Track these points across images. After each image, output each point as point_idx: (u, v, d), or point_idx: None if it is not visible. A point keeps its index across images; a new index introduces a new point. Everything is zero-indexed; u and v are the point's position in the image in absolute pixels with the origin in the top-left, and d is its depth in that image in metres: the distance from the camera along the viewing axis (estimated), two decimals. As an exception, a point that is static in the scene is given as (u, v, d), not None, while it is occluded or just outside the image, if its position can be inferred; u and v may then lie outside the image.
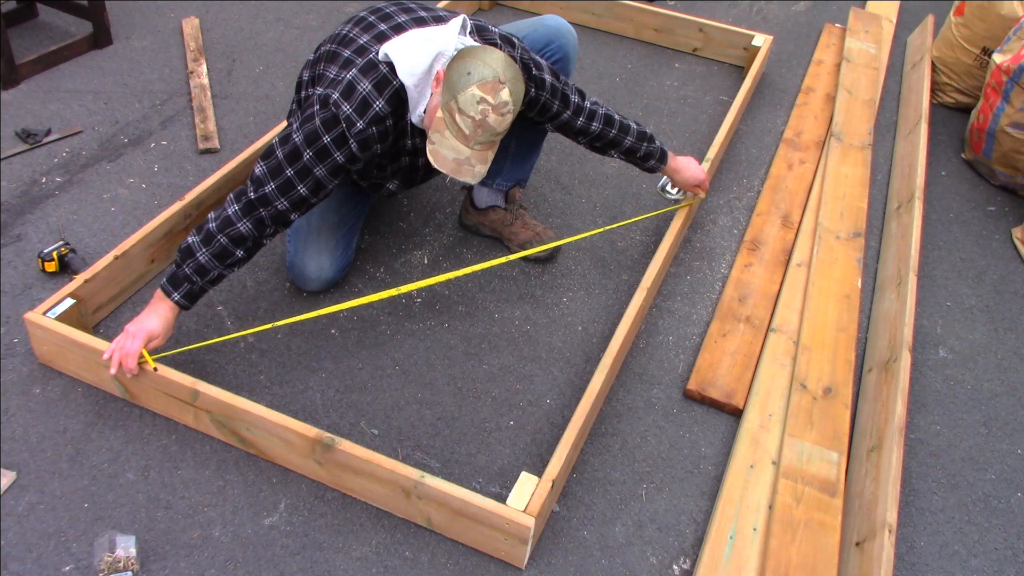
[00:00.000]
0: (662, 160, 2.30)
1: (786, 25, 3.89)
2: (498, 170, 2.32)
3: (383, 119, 1.81)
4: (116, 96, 2.88)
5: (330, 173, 1.82)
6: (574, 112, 2.10)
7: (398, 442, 1.88)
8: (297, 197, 1.82)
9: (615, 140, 2.19)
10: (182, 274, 1.82)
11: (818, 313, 2.23)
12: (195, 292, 1.84)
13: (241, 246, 1.83)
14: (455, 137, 1.72)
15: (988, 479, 1.96)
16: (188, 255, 1.81)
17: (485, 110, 1.68)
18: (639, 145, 2.22)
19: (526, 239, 2.37)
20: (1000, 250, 2.70)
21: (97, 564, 1.56)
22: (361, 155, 1.83)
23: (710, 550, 1.70)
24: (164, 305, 1.82)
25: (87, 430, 1.83)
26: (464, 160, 1.74)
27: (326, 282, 2.16)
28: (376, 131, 1.81)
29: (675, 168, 2.34)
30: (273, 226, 1.85)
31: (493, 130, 1.71)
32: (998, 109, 2.85)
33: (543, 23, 2.28)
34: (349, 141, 1.79)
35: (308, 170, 1.80)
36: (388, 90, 1.80)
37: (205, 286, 1.84)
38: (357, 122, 1.78)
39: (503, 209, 2.39)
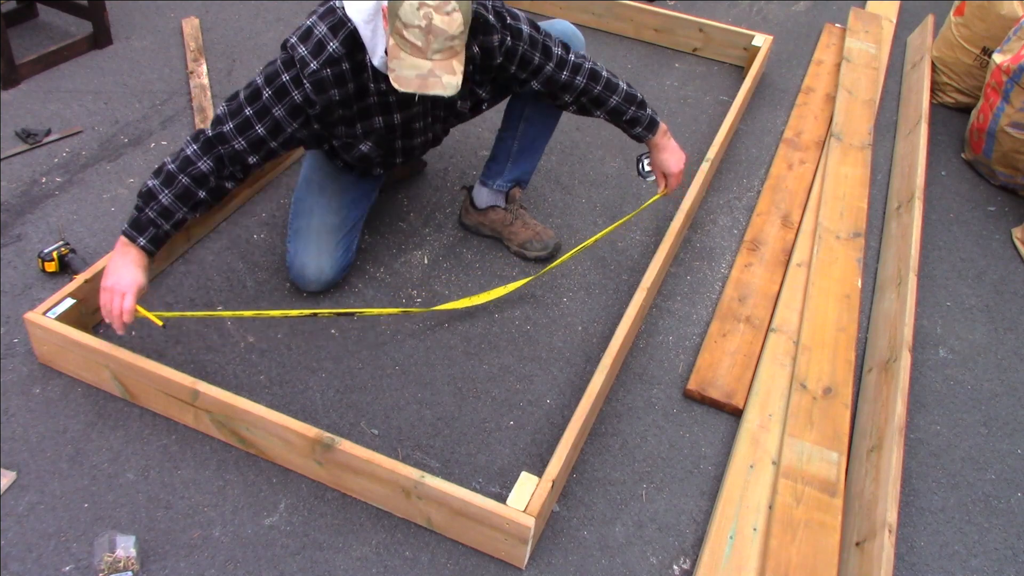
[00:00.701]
0: (650, 129, 2.21)
1: (786, 25, 3.89)
2: (499, 171, 2.32)
3: (338, 60, 1.80)
4: (116, 96, 2.88)
5: (288, 114, 1.83)
6: (557, 65, 2.03)
7: (398, 442, 1.88)
8: (255, 137, 1.84)
9: (600, 98, 2.11)
10: (145, 218, 1.82)
11: (818, 313, 2.23)
12: (160, 237, 1.85)
13: (203, 186, 1.85)
14: (410, 55, 1.65)
15: (988, 479, 1.96)
16: (150, 198, 1.82)
17: (428, 14, 1.61)
18: (626, 107, 2.14)
19: (526, 239, 2.37)
20: (1000, 250, 2.70)
21: (97, 564, 1.56)
22: (317, 98, 1.82)
23: (710, 550, 1.70)
24: (132, 251, 1.82)
25: (87, 430, 1.83)
26: (427, 73, 1.66)
27: (326, 283, 2.16)
28: (331, 73, 1.80)
29: (660, 145, 2.25)
30: (231, 167, 1.87)
31: (445, 32, 1.62)
32: (998, 109, 2.85)
33: (552, 26, 2.25)
34: (304, 82, 1.80)
35: (267, 110, 1.83)
36: (343, 32, 1.79)
37: (170, 230, 1.86)
38: (311, 63, 1.79)
39: (503, 209, 2.39)
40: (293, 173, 2.60)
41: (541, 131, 2.29)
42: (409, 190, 2.61)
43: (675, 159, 2.27)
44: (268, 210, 2.45)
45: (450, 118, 2.13)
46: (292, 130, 1.87)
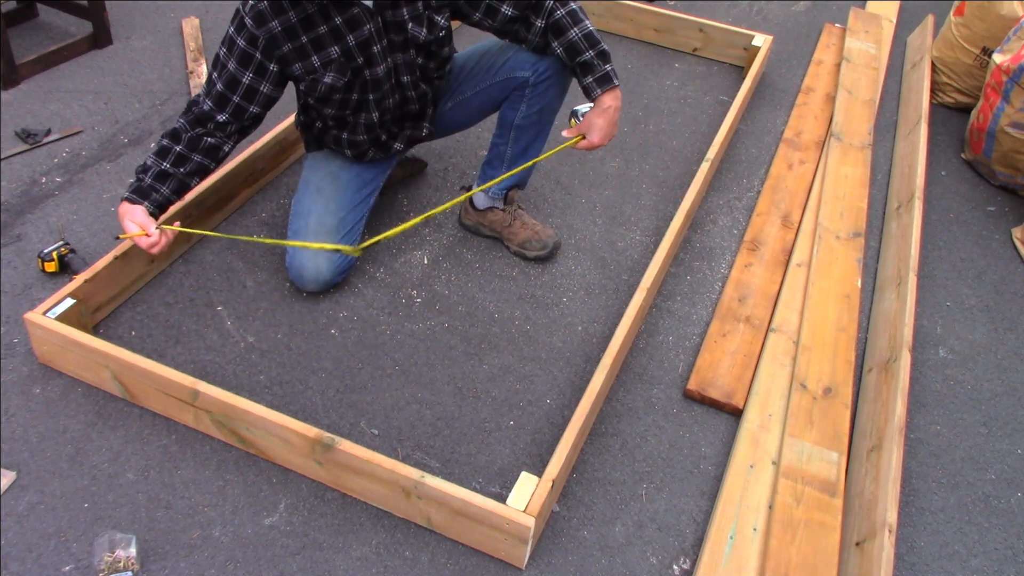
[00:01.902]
0: (602, 83, 2.02)
1: (786, 25, 3.89)
2: (494, 175, 2.32)
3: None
4: (116, 96, 2.88)
5: (239, 63, 1.90)
6: None
7: (398, 442, 1.88)
8: (216, 94, 1.93)
9: (561, 25, 2.00)
10: (134, 181, 1.94)
11: (818, 313, 2.23)
12: (144, 189, 1.92)
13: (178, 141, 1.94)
14: None
15: (988, 479, 1.97)
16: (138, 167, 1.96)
17: None
18: (584, 47, 2.00)
19: (525, 238, 2.37)
20: (1000, 250, 2.70)
21: (97, 564, 1.56)
22: (259, 31, 1.86)
23: (710, 550, 1.70)
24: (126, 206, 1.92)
25: (87, 430, 1.83)
26: None
27: (324, 284, 2.16)
28: (267, 3, 1.84)
29: (604, 109, 2.03)
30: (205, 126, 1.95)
31: None
32: (998, 109, 2.85)
33: None
34: (245, 21, 1.86)
35: (223, 66, 1.92)
36: None
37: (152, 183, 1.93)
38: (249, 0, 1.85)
39: (501, 210, 2.39)
40: (293, 173, 2.60)
41: (534, 138, 2.27)
42: (409, 190, 2.61)
43: (606, 131, 2.05)
44: (268, 210, 2.45)
45: (408, 47, 2.03)
46: (248, 81, 1.92)
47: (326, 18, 1.89)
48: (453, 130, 2.42)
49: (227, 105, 1.94)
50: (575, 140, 2.08)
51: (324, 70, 1.96)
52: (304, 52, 1.92)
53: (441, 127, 2.36)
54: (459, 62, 2.27)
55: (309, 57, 1.93)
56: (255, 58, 1.90)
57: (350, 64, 1.97)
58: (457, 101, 2.28)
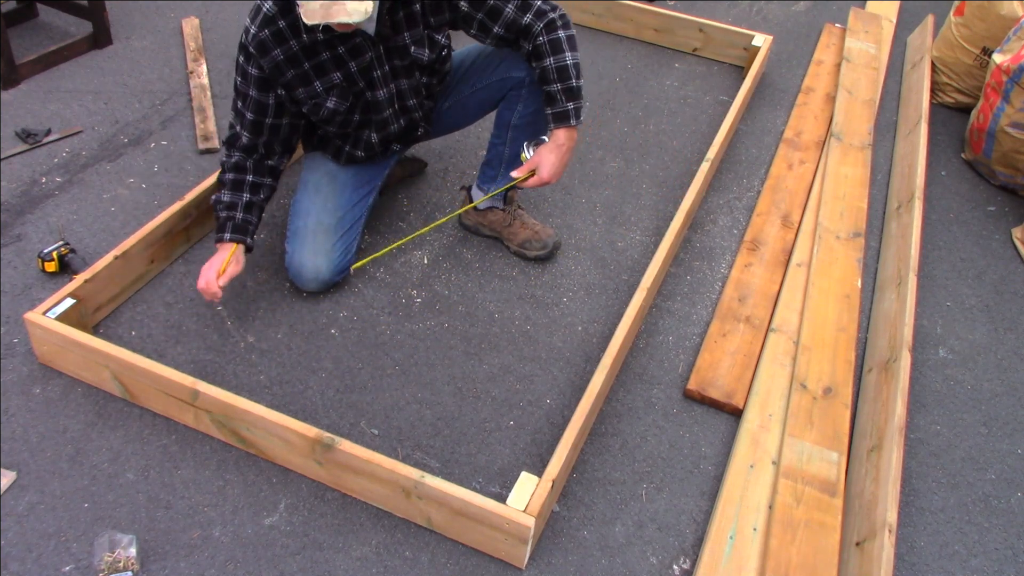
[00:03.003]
0: (557, 120, 2.00)
1: (786, 25, 3.89)
2: (493, 176, 2.32)
3: (272, 19, 1.86)
4: (116, 96, 2.88)
5: (260, 89, 1.95)
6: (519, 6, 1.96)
7: (398, 442, 1.88)
8: (249, 123, 1.99)
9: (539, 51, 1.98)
10: (220, 220, 2.01)
11: (818, 313, 2.23)
12: (239, 224, 2.01)
13: (246, 171, 2.02)
14: None
15: (988, 479, 1.96)
16: (217, 203, 2.03)
17: None
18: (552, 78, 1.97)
19: (525, 238, 2.37)
20: (1000, 250, 2.70)
21: (97, 564, 1.56)
22: (264, 60, 1.89)
23: (710, 550, 1.70)
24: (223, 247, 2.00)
25: (87, 430, 1.83)
26: (329, 2, 1.66)
27: (323, 283, 2.16)
28: (269, 33, 1.87)
29: (557, 145, 2.00)
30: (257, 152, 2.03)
31: None
32: (998, 109, 2.85)
33: None
34: (251, 50, 1.89)
35: (245, 95, 1.97)
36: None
37: (245, 216, 2.01)
38: (252, 29, 1.88)
39: (501, 210, 2.39)
40: (293, 173, 2.60)
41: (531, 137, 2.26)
42: (409, 190, 2.61)
43: (556, 168, 2.02)
44: (268, 210, 2.45)
45: (413, 71, 2.06)
46: (274, 101, 1.97)
47: (329, 46, 1.92)
48: (451, 129, 2.42)
49: (263, 128, 2.00)
50: (526, 176, 2.04)
51: (327, 95, 1.99)
52: (307, 78, 1.95)
53: (439, 127, 2.36)
54: (456, 61, 2.27)
55: (312, 83, 1.96)
56: (268, 80, 1.94)
57: (352, 89, 2.01)
58: (455, 101, 2.28)
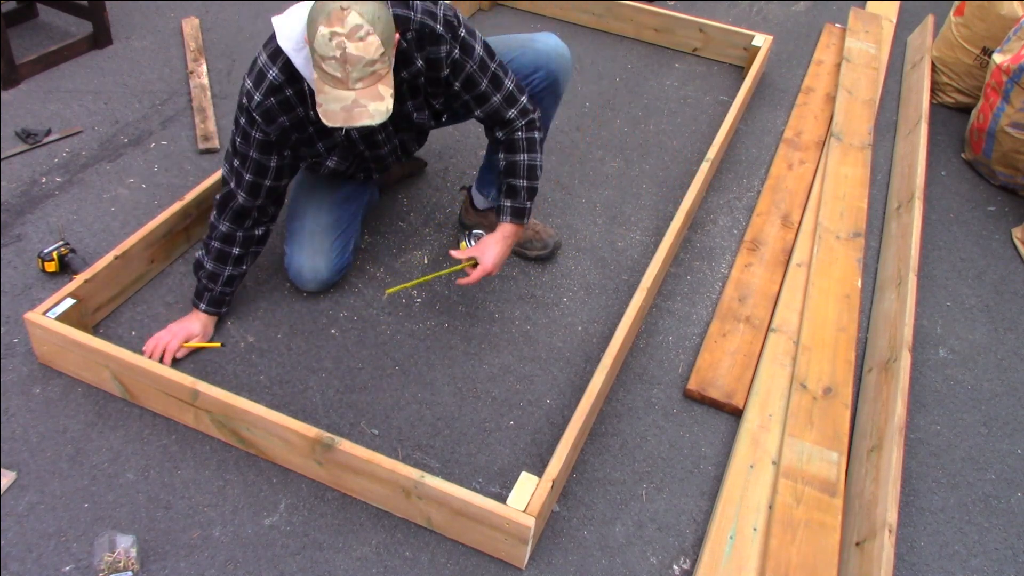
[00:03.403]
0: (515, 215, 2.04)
1: (786, 25, 3.89)
2: (490, 181, 2.30)
3: (280, 88, 1.80)
4: (116, 96, 2.88)
5: (261, 152, 1.89)
6: (505, 99, 1.98)
7: (398, 442, 1.88)
8: (248, 183, 1.92)
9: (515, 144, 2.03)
10: (200, 286, 2.02)
11: (818, 313, 2.23)
12: (216, 298, 2.02)
13: (233, 244, 1.99)
14: (332, 87, 1.62)
15: (988, 479, 1.96)
16: (199, 267, 2.01)
17: (341, 43, 1.56)
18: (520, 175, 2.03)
19: (526, 239, 2.37)
20: (1000, 250, 2.70)
21: (97, 564, 1.56)
22: (270, 128, 1.84)
23: (710, 550, 1.70)
24: (197, 313, 2.03)
25: (87, 430, 1.83)
26: (352, 104, 1.63)
27: (323, 283, 2.16)
28: (275, 101, 1.81)
29: (503, 237, 2.03)
30: (250, 218, 1.98)
31: (362, 59, 1.58)
32: (998, 109, 2.85)
33: (534, 46, 2.12)
34: (255, 116, 1.83)
35: (245, 155, 1.90)
36: (280, 59, 1.78)
37: (223, 289, 2.02)
38: (256, 95, 1.81)
39: None
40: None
41: None
42: (409, 190, 2.61)
43: (499, 259, 2.03)
44: (268, 210, 2.45)
45: (412, 129, 2.07)
46: (275, 164, 1.92)
47: None
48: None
49: (261, 190, 1.94)
50: (468, 263, 2.05)
51: (328, 154, 1.99)
52: (310, 140, 1.94)
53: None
54: None
55: (314, 144, 1.95)
56: (274, 144, 1.89)
57: (354, 149, 2.00)
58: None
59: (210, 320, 2.04)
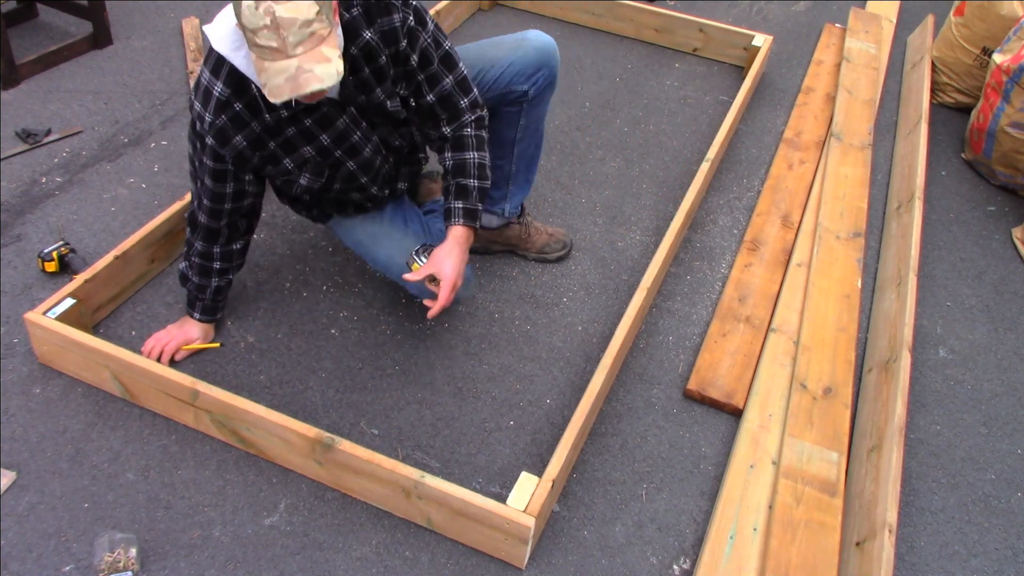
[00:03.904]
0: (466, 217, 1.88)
1: (786, 25, 3.89)
2: (502, 196, 2.26)
3: (228, 103, 1.68)
4: (116, 96, 2.88)
5: (215, 180, 1.79)
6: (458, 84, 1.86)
7: (398, 442, 1.88)
8: (207, 208, 1.85)
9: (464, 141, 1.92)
10: (190, 296, 2.00)
11: (818, 313, 2.23)
12: (208, 306, 2.01)
13: (210, 259, 1.95)
14: (272, 60, 1.47)
15: (988, 479, 1.96)
16: (184, 279, 1.99)
17: (268, 7, 1.43)
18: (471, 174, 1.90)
19: (543, 243, 2.36)
20: (1000, 250, 2.70)
21: (97, 564, 1.56)
22: (224, 150, 1.73)
23: (710, 550, 1.70)
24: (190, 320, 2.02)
25: (87, 430, 1.83)
26: (296, 72, 1.48)
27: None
28: (227, 119, 1.68)
29: (455, 244, 1.86)
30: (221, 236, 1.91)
31: (295, 21, 1.44)
32: (998, 109, 2.84)
33: (531, 44, 2.04)
34: (207, 140, 1.71)
35: (201, 181, 1.83)
36: (223, 70, 1.66)
37: (214, 298, 2.00)
38: (207, 116, 1.69)
39: (517, 223, 2.34)
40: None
41: (537, 145, 2.22)
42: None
43: (458, 268, 1.85)
44: (268, 210, 2.45)
45: (388, 123, 1.89)
46: (231, 190, 1.82)
47: (294, 121, 1.74)
48: None
49: (222, 215, 1.86)
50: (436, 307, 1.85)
51: (299, 171, 1.83)
52: (275, 158, 1.79)
53: None
54: None
55: (280, 162, 1.80)
56: (228, 171, 1.79)
57: (327, 161, 1.83)
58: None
59: (208, 326, 2.04)
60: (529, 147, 2.20)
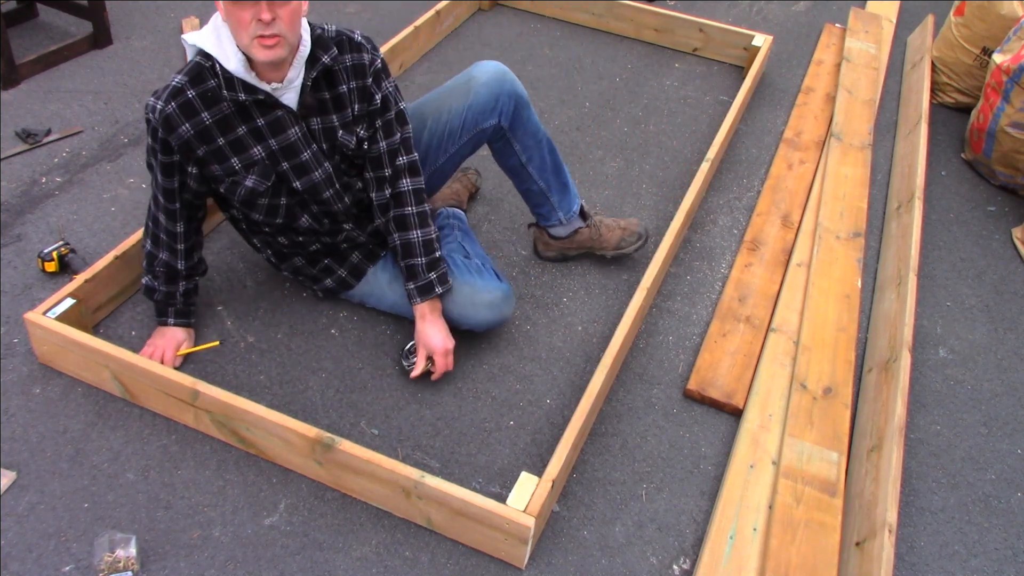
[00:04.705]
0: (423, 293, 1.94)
1: (786, 25, 3.89)
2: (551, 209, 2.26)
3: (181, 90, 1.73)
4: (116, 96, 2.88)
5: (164, 174, 1.81)
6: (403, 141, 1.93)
7: (398, 442, 1.88)
8: (161, 204, 1.86)
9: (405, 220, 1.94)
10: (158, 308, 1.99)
11: (818, 313, 2.23)
12: (181, 310, 1.99)
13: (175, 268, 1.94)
14: None
15: (988, 479, 1.97)
16: (151, 291, 1.97)
17: None
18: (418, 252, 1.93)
19: (619, 238, 2.34)
20: (1000, 250, 2.70)
21: (97, 564, 1.56)
22: (170, 138, 1.75)
23: (710, 550, 1.70)
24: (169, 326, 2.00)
25: (87, 430, 1.83)
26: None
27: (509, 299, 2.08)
28: (176, 105, 1.72)
29: (427, 316, 1.95)
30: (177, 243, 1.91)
31: None
32: (998, 109, 2.85)
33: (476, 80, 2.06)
34: (157, 129, 1.75)
35: (154, 175, 1.84)
36: (187, 67, 1.76)
37: (184, 301, 1.99)
38: (157, 104, 1.73)
39: (586, 227, 2.32)
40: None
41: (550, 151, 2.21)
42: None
43: (441, 336, 1.95)
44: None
45: (335, 156, 1.89)
46: (178, 185, 1.84)
47: (246, 117, 1.77)
48: (435, 190, 2.25)
49: (174, 211, 1.87)
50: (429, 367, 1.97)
51: (246, 172, 1.82)
52: (221, 155, 1.80)
53: None
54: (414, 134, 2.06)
55: (228, 159, 1.80)
56: (175, 163, 1.80)
57: (275, 168, 1.83)
58: (432, 171, 2.14)
59: (189, 329, 2.02)
60: (543, 159, 2.19)
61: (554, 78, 3.25)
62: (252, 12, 1.61)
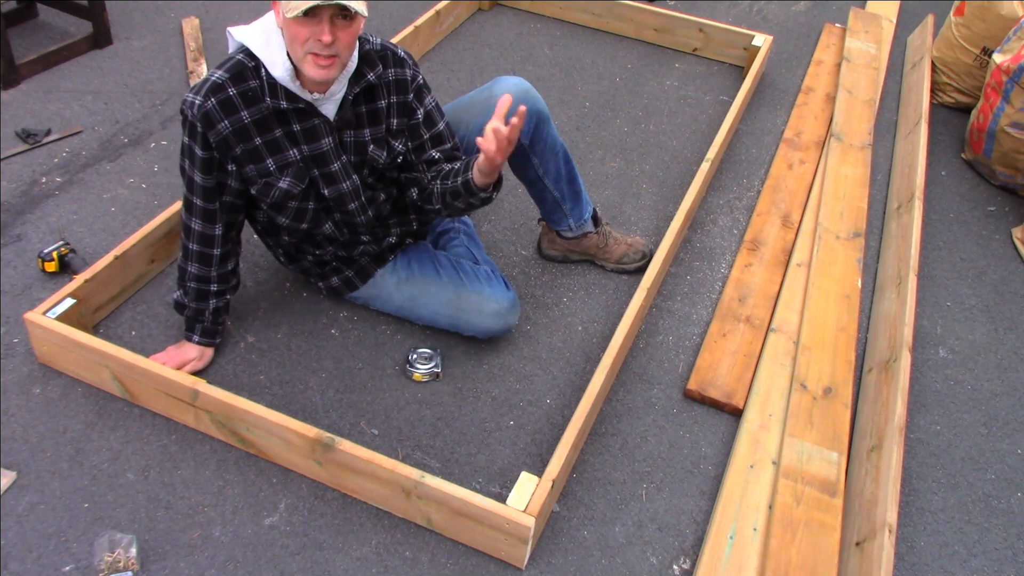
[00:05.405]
0: None
1: (786, 25, 3.89)
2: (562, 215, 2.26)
3: (221, 86, 1.71)
4: (116, 96, 2.88)
5: (202, 171, 1.78)
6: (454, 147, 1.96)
7: (398, 442, 1.88)
8: (199, 209, 1.83)
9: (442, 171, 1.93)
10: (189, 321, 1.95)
11: (818, 313, 2.23)
12: (209, 328, 1.95)
13: (209, 282, 1.91)
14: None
15: (988, 479, 1.97)
16: (180, 307, 1.95)
17: None
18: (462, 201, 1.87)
19: (622, 253, 2.35)
20: (1000, 250, 2.70)
21: (97, 564, 1.56)
22: (209, 134, 1.72)
23: (710, 550, 1.70)
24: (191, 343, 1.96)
25: (87, 430, 1.83)
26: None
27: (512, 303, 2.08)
28: (215, 101, 1.70)
29: None
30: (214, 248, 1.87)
31: None
32: (998, 109, 2.85)
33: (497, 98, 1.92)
34: (195, 124, 1.72)
35: (190, 178, 1.81)
36: (228, 63, 1.73)
37: (213, 319, 1.95)
38: (196, 99, 1.71)
39: (595, 233, 2.33)
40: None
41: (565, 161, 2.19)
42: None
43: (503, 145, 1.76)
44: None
45: (364, 169, 1.90)
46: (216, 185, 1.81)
47: (283, 121, 1.77)
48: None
49: (215, 216, 1.84)
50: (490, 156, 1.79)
51: (280, 174, 1.82)
52: (257, 155, 1.79)
53: None
54: None
55: (263, 160, 1.79)
56: (214, 159, 1.78)
57: (309, 172, 1.84)
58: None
59: (208, 350, 1.98)
60: (558, 169, 2.18)
61: (554, 78, 3.25)
62: (313, 31, 1.59)
